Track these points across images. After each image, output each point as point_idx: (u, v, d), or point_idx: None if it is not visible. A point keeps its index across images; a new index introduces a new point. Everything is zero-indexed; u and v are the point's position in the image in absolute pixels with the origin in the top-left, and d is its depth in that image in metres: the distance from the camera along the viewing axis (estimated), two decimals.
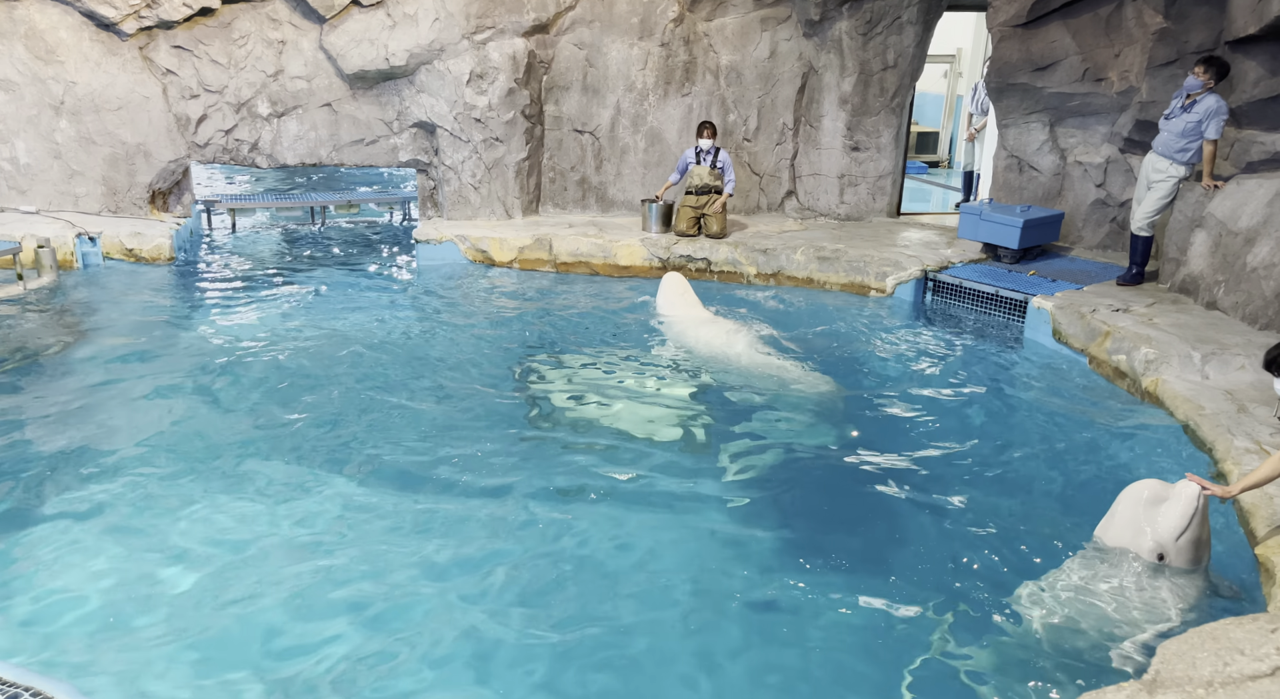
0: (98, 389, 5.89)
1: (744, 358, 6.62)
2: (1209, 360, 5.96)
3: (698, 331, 7.18)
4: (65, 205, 9.31)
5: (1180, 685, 1.87)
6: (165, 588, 3.88)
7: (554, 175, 10.33)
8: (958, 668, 3.49)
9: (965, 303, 8.15)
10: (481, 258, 9.27)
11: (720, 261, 9.12)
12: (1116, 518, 4.01)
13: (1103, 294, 7.45)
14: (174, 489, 4.66)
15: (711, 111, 10.20)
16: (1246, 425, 5.02)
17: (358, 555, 4.13)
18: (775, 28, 10.04)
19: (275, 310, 7.76)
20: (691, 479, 4.93)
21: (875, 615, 3.81)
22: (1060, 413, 6.01)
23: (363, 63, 9.26)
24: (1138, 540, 3.90)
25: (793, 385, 6.23)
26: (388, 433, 5.41)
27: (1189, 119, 7.11)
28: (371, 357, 6.65)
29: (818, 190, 10.52)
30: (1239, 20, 7.06)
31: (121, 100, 9.11)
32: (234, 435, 5.32)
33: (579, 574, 4.05)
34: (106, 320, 7.25)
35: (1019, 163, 9.41)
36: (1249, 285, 6.65)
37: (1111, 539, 4.01)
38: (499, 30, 9.41)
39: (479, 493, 4.75)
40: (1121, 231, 8.74)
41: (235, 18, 9.15)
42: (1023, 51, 8.82)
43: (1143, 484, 3.98)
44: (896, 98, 10.13)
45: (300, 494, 4.67)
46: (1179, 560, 3.85)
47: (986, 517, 4.62)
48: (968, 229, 8.66)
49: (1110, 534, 4.02)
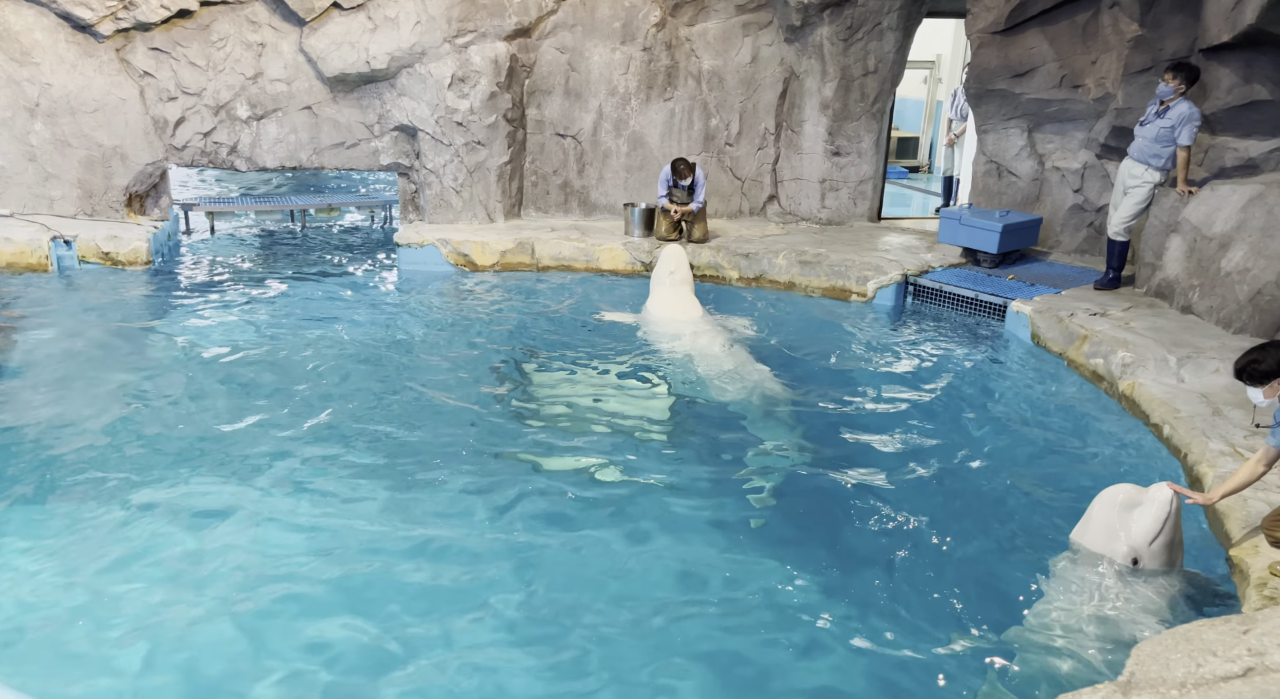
0: (58, 392, 5.81)
1: (701, 358, 6.71)
2: (1184, 364, 6.03)
3: (674, 317, 7.44)
4: (40, 208, 9.20)
5: (1154, 687, 1.88)
6: (113, 598, 3.81)
7: (536, 179, 10.32)
8: (931, 670, 3.50)
9: (945, 307, 8.21)
10: (463, 262, 9.24)
11: (702, 266, 9.13)
12: (1091, 522, 4.05)
13: (1080, 298, 7.53)
14: (129, 500, 4.56)
15: (693, 116, 10.23)
16: (1221, 428, 5.08)
17: (332, 561, 4.10)
18: (757, 33, 10.08)
19: (252, 314, 7.69)
20: (669, 484, 4.93)
21: (846, 617, 3.82)
22: (1038, 416, 6.05)
23: (343, 66, 9.21)
24: (1112, 544, 3.94)
25: (738, 384, 6.25)
26: (366, 438, 5.37)
27: (1163, 125, 7.20)
28: (350, 361, 6.61)
29: (799, 195, 10.57)
30: (1212, 28, 7.15)
31: (98, 102, 9.01)
32: (198, 442, 5.24)
33: (557, 580, 4.04)
34: (77, 323, 7.16)
35: (998, 168, 9.49)
36: (1223, 290, 6.74)
37: (1087, 543, 4.05)
38: (480, 34, 9.39)
39: (457, 498, 4.71)
40: (1098, 236, 8.83)
41: (214, 20, 9.07)
42: (1001, 58, 8.90)
43: (1117, 489, 4.03)
44: (877, 103, 10.20)
45: (270, 503, 4.61)
46: (1152, 563, 3.89)
47: (962, 519, 4.64)
48: (947, 234, 8.72)
49: (1085, 538, 4.06)
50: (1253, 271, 6.49)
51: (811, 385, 6.47)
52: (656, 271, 8.00)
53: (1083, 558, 4.01)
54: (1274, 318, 6.38)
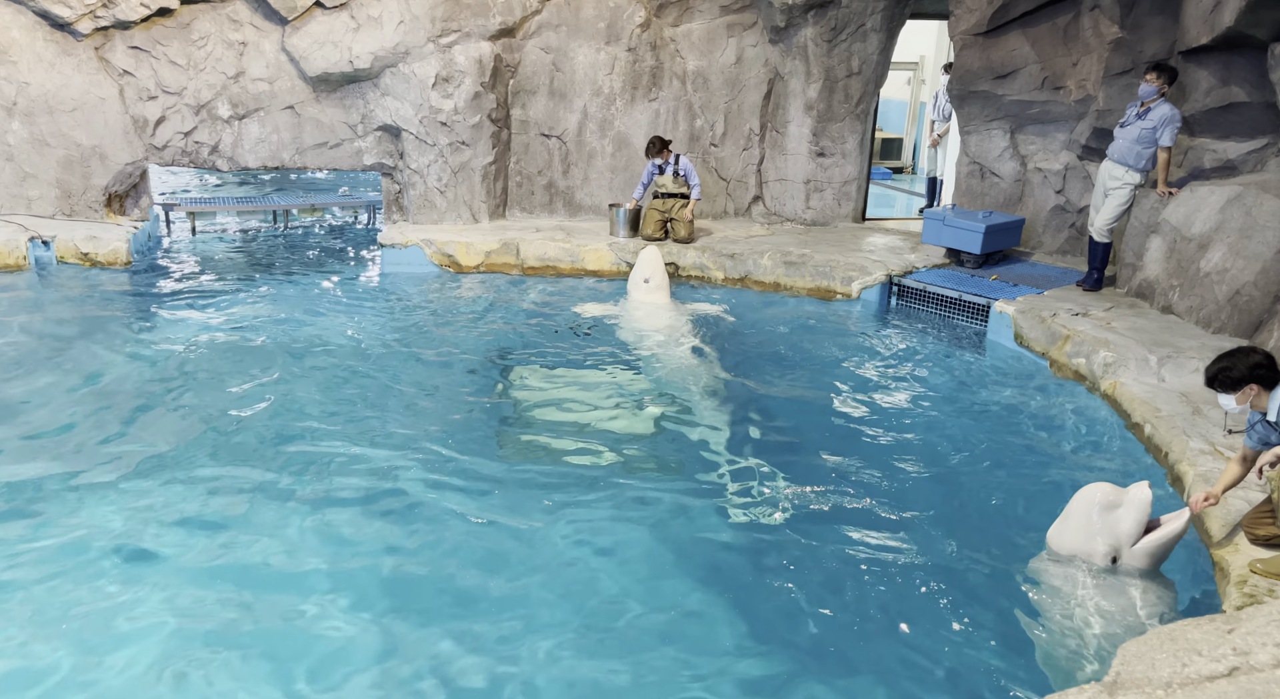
0: (32, 394, 5.73)
1: (665, 364, 6.83)
2: (1165, 363, 6.09)
3: (646, 327, 7.57)
4: (18, 208, 9.08)
5: (1140, 687, 1.90)
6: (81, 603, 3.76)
7: (521, 179, 10.29)
8: (915, 673, 3.51)
9: (929, 307, 8.25)
10: (447, 262, 9.20)
11: (688, 266, 9.14)
12: (1070, 522, 4.06)
13: (1063, 298, 7.59)
14: (103, 501, 4.50)
15: (678, 117, 10.23)
16: (1201, 427, 5.14)
17: (314, 566, 4.07)
18: (741, 34, 10.10)
19: (233, 316, 7.62)
20: (653, 483, 4.92)
21: (823, 616, 3.82)
22: (1021, 415, 6.10)
23: (326, 65, 9.15)
24: (1090, 544, 3.95)
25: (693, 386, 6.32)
26: (348, 440, 5.33)
27: (1144, 126, 7.26)
28: (332, 363, 6.56)
29: (784, 195, 10.59)
30: (1191, 31, 7.23)
31: (76, 101, 8.90)
32: (175, 442, 5.18)
33: (540, 581, 4.02)
34: (54, 324, 7.07)
35: (981, 169, 9.56)
36: (1202, 290, 6.81)
37: (1066, 543, 4.06)
38: (464, 34, 9.36)
39: (441, 499, 4.69)
40: (1080, 237, 8.91)
41: (194, 18, 8.99)
42: (983, 60, 8.96)
43: (1095, 488, 4.02)
44: (861, 104, 10.24)
45: (246, 507, 4.56)
46: (1134, 563, 3.92)
47: (943, 518, 4.66)
48: (931, 234, 8.77)
49: (1064, 538, 4.07)
50: (1231, 272, 6.56)
51: (796, 385, 6.49)
52: (633, 276, 8.07)
53: (1061, 558, 4.03)
54: (1252, 317, 6.45)
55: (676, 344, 7.16)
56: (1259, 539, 3.86)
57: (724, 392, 6.26)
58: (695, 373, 6.58)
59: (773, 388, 6.40)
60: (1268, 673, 1.82)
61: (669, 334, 7.39)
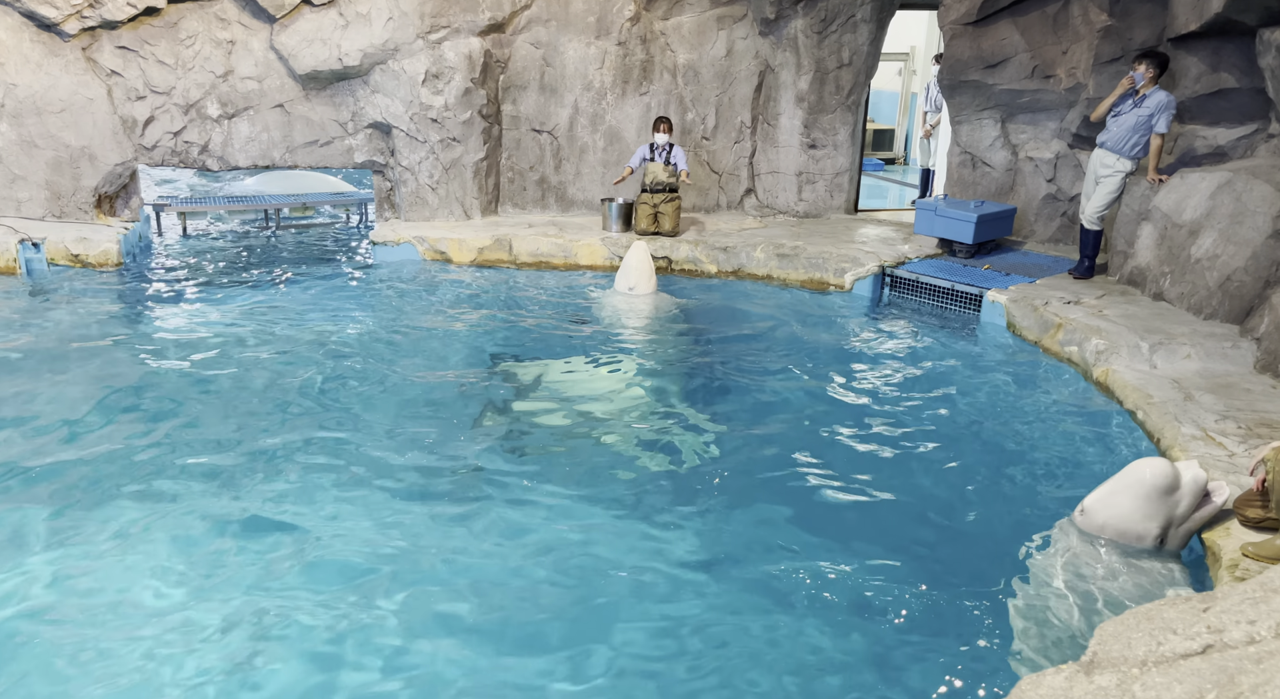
0: (22, 398, 5.72)
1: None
2: (1156, 350, 6.09)
3: (638, 312, 7.77)
4: (7, 210, 9.06)
5: (1115, 665, 1.89)
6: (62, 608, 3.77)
7: (513, 175, 10.27)
8: (912, 653, 3.51)
9: (922, 297, 8.24)
10: (440, 259, 9.19)
11: (681, 260, 9.13)
12: (1124, 501, 3.88)
13: (1055, 287, 7.58)
14: (95, 503, 4.51)
15: (670, 110, 10.21)
16: (1193, 413, 5.13)
17: (307, 568, 4.06)
18: (731, 26, 10.08)
19: (225, 315, 7.61)
20: (643, 474, 4.92)
21: (818, 600, 3.82)
22: (1014, 403, 6.09)
23: (315, 63, 9.13)
24: (1145, 526, 3.84)
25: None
26: (341, 439, 5.32)
27: (1140, 113, 7.24)
28: (326, 361, 6.55)
29: (776, 188, 10.58)
30: (1181, 17, 7.22)
31: (64, 102, 8.88)
32: (167, 445, 5.19)
33: (525, 582, 4.02)
34: (45, 326, 7.06)
35: (972, 159, 9.54)
36: (1193, 276, 6.80)
37: (1114, 522, 3.87)
38: (454, 29, 9.34)
39: (435, 499, 4.69)
40: (1072, 225, 8.90)
41: (182, 17, 8.96)
42: (973, 49, 8.95)
43: (1152, 469, 3.83)
44: (852, 95, 10.22)
45: (243, 509, 4.56)
46: (1172, 545, 3.92)
47: (940, 507, 4.66)
48: (923, 225, 8.76)
49: (1112, 515, 3.88)
50: (1222, 258, 6.56)
51: (790, 376, 6.48)
52: (618, 281, 8.17)
53: (1090, 534, 3.95)
54: (1243, 303, 6.45)
55: (667, 338, 7.16)
56: (1250, 522, 3.86)
57: (715, 384, 6.26)
58: (685, 366, 6.57)
59: (765, 380, 6.39)
60: (1240, 650, 1.82)
61: (659, 328, 7.38)
